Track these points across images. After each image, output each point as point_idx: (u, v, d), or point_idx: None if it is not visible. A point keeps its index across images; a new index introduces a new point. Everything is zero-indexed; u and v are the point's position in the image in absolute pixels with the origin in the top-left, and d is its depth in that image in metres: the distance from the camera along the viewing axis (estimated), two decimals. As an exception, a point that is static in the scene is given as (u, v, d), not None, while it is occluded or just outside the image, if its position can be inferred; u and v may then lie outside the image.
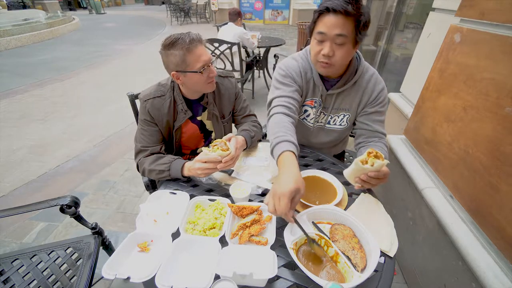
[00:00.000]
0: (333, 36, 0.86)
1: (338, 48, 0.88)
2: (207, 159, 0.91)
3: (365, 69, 1.06)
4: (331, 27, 0.84)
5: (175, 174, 1.00)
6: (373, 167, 0.77)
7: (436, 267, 1.17)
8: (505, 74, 0.88)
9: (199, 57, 1.00)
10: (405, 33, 2.69)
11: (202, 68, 1.01)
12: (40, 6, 12.78)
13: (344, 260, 0.67)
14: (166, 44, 0.98)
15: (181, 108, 1.13)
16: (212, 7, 9.79)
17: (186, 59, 0.98)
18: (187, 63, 0.99)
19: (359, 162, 0.79)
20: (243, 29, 3.20)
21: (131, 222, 1.84)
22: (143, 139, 1.11)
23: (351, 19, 0.83)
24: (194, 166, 0.94)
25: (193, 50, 0.98)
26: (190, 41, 0.97)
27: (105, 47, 7.11)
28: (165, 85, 1.13)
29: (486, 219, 0.94)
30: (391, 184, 1.60)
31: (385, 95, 1.06)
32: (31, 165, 2.46)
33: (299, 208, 0.86)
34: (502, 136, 0.88)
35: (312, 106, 1.14)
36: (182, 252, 0.73)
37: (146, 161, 1.07)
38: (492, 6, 0.97)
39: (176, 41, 0.97)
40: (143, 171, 1.08)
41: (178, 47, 0.97)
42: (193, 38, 0.98)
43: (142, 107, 1.10)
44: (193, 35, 0.99)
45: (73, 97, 4.00)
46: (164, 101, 1.10)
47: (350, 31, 0.84)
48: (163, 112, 1.10)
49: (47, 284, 0.95)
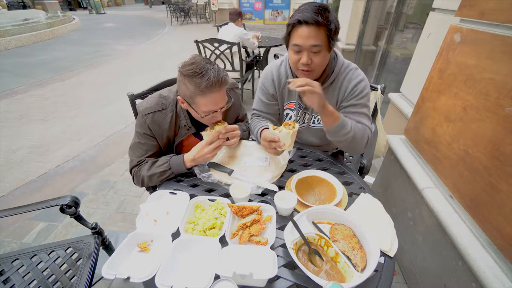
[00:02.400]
0: (308, 47, 0.92)
1: (315, 56, 0.95)
2: (211, 139, 0.94)
3: (343, 68, 1.09)
4: (306, 38, 0.91)
5: (177, 169, 1.00)
6: (280, 133, 0.95)
7: (436, 267, 1.17)
8: (505, 74, 0.88)
9: (208, 105, 0.92)
10: (405, 33, 2.69)
11: (204, 114, 0.95)
12: (40, 6, 12.78)
13: (344, 260, 0.67)
14: (183, 73, 0.88)
15: (184, 124, 1.07)
16: (212, 7, 9.79)
17: (194, 98, 0.91)
18: (194, 101, 0.92)
19: (272, 127, 0.99)
20: (243, 29, 3.20)
21: (131, 222, 1.84)
22: (140, 152, 1.05)
23: (322, 28, 0.89)
24: (202, 153, 0.96)
25: (207, 95, 0.89)
26: (206, 86, 0.86)
27: (105, 47, 7.11)
28: (167, 98, 1.05)
29: (486, 219, 0.94)
30: (391, 184, 1.60)
31: (362, 88, 1.07)
32: (31, 165, 2.46)
33: (299, 208, 0.87)
34: (502, 136, 0.88)
35: (293, 108, 1.20)
36: (182, 252, 0.73)
37: (142, 169, 1.03)
38: (492, 6, 0.97)
39: (194, 76, 0.86)
40: (142, 179, 1.04)
41: (193, 84, 0.87)
42: (213, 82, 0.86)
43: (141, 121, 1.02)
44: (217, 77, 0.87)
45: (73, 97, 4.00)
46: (165, 116, 1.03)
47: (324, 39, 0.91)
48: (163, 128, 1.04)
49: (47, 284, 0.95)
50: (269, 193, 0.97)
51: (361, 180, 1.04)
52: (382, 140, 1.55)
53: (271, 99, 1.22)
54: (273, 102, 1.23)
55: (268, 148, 1.03)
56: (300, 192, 0.93)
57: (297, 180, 0.99)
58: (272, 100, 1.22)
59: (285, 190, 0.92)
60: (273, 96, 1.21)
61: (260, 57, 3.94)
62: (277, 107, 1.25)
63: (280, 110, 1.26)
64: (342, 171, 1.09)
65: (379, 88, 1.38)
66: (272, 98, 1.22)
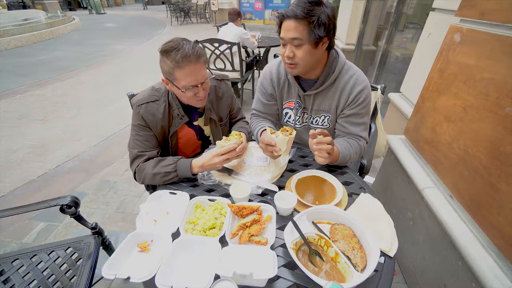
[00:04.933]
0: (289, 40, 0.93)
1: (297, 49, 0.94)
2: (225, 150, 0.94)
3: (345, 69, 1.07)
4: (286, 31, 0.92)
5: (183, 173, 0.99)
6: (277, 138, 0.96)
7: (436, 267, 1.17)
8: (505, 74, 0.88)
9: (186, 76, 0.94)
10: (405, 33, 2.69)
11: (185, 88, 0.96)
12: (40, 6, 12.79)
13: (344, 260, 0.67)
14: (161, 50, 0.94)
15: (177, 113, 1.09)
16: (212, 7, 9.78)
17: (173, 73, 0.94)
18: (174, 77, 0.95)
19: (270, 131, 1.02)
20: (243, 29, 3.20)
21: (131, 222, 1.84)
22: (138, 145, 1.06)
23: (303, 22, 0.88)
24: (211, 162, 0.96)
25: (183, 67, 0.92)
26: (182, 58, 0.90)
27: (105, 47, 7.11)
28: (159, 90, 1.08)
29: (486, 219, 0.94)
30: (391, 184, 1.60)
31: (365, 96, 1.06)
32: (31, 165, 2.46)
33: (299, 208, 0.87)
34: (502, 136, 0.88)
35: (292, 107, 1.19)
36: (182, 252, 0.73)
37: (147, 166, 1.02)
38: (492, 6, 0.97)
39: (170, 51, 0.91)
40: (144, 177, 1.02)
41: (170, 58, 0.91)
42: (188, 54, 0.90)
43: (135, 112, 1.05)
44: (191, 49, 0.92)
45: (73, 97, 4.00)
46: (158, 106, 1.06)
47: (305, 33, 0.90)
48: (157, 118, 1.05)
49: (47, 284, 0.95)
50: (269, 193, 0.97)
51: (361, 180, 1.04)
52: (382, 140, 1.55)
53: (270, 99, 1.22)
54: (272, 102, 1.23)
55: (265, 151, 1.04)
56: (300, 192, 0.93)
57: (297, 180, 0.99)
58: (271, 100, 1.22)
59: (285, 190, 0.92)
60: (272, 96, 1.21)
61: (260, 57, 3.94)
62: (276, 107, 1.25)
63: (280, 110, 1.26)
64: (342, 171, 1.09)
65: (379, 88, 1.38)
66: (271, 98, 1.22)
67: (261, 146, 1.06)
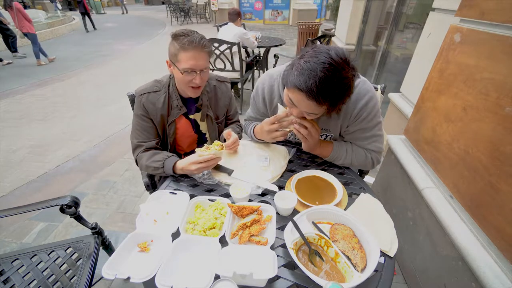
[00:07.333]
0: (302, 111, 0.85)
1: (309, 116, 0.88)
2: (203, 159, 0.97)
3: None
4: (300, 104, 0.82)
5: (168, 172, 1.04)
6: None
7: (436, 267, 1.17)
8: (505, 74, 0.88)
9: (188, 59, 1.01)
10: (405, 33, 2.69)
11: (184, 70, 1.02)
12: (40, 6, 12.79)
13: (344, 260, 0.67)
14: (173, 34, 1.04)
15: (176, 104, 1.16)
16: (212, 7, 9.79)
17: (178, 54, 1.02)
18: (177, 58, 1.03)
19: None
20: (243, 29, 3.20)
21: (131, 222, 1.84)
22: (138, 135, 1.14)
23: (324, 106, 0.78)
24: (189, 168, 0.99)
25: (188, 50, 1.00)
26: (189, 42, 0.99)
27: (105, 47, 7.12)
28: (161, 81, 1.17)
29: (486, 219, 0.94)
30: (391, 184, 1.60)
31: (370, 109, 0.95)
32: (31, 165, 2.46)
33: (299, 208, 0.87)
34: (502, 136, 0.88)
35: None
36: (182, 252, 0.73)
37: (143, 157, 1.11)
38: (492, 6, 0.97)
39: (180, 36, 1.01)
40: (141, 166, 1.13)
41: (179, 41, 1.01)
42: (194, 41, 1.00)
43: (137, 101, 1.13)
44: (199, 39, 1.01)
45: (73, 97, 4.00)
46: (159, 96, 1.13)
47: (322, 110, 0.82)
48: (157, 107, 1.13)
49: (47, 284, 0.95)
50: (269, 193, 0.97)
51: (361, 180, 1.04)
52: (382, 140, 1.55)
53: (262, 115, 1.18)
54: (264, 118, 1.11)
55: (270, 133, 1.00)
56: (300, 192, 0.93)
57: (297, 180, 0.99)
58: (264, 116, 1.17)
59: (285, 190, 0.92)
60: (265, 114, 1.16)
61: (260, 57, 3.93)
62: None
63: None
64: (342, 171, 1.09)
65: (379, 88, 1.38)
66: (263, 115, 1.18)
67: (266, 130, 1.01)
